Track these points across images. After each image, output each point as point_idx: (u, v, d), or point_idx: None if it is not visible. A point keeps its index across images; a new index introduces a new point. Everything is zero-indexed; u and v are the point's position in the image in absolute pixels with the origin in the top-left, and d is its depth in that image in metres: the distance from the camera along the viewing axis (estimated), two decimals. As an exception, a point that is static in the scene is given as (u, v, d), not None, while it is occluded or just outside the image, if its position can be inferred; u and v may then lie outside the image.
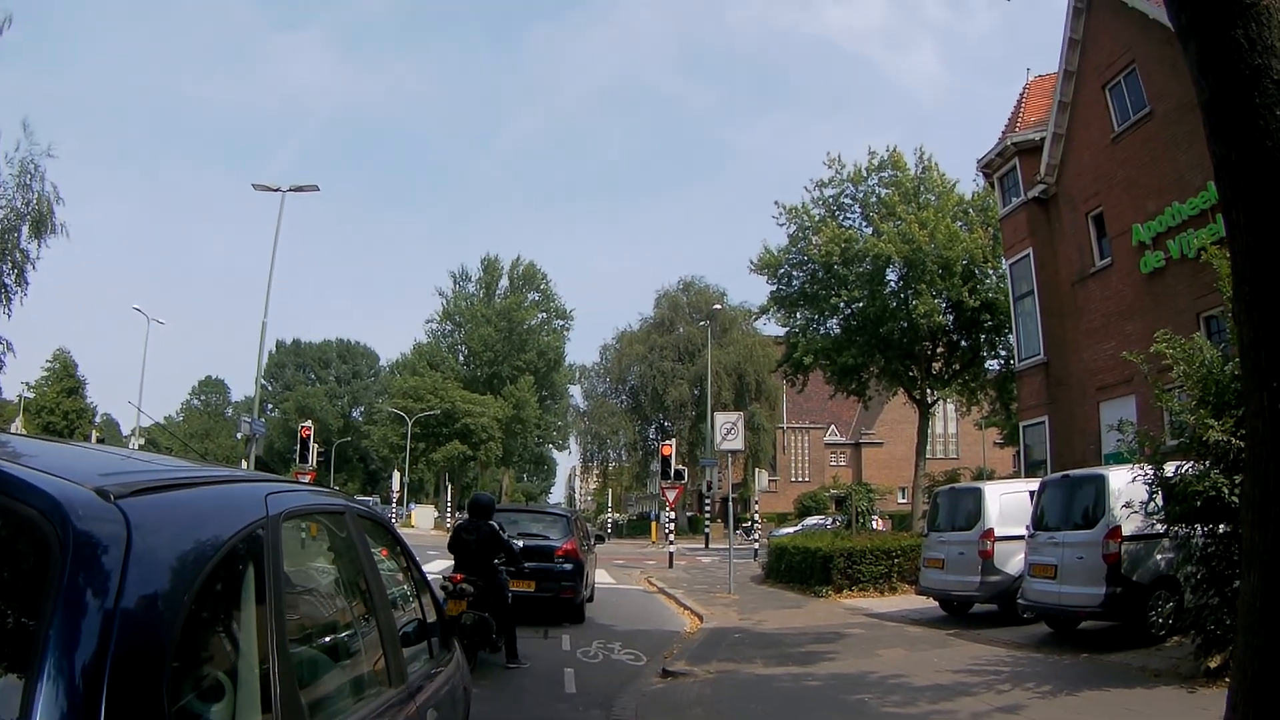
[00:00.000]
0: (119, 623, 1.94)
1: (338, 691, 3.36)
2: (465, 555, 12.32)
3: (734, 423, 23.84)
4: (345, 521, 3.92)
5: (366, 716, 3.37)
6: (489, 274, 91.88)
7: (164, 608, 2.11)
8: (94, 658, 1.87)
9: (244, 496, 2.94)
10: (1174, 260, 19.91)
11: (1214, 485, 9.68)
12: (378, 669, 3.83)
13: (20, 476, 2.08)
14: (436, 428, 78.94)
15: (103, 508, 2.12)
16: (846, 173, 40.06)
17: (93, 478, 2.23)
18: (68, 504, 2.03)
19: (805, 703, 10.15)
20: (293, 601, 2.95)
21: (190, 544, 2.36)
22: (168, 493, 2.51)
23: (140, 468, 2.77)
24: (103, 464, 2.71)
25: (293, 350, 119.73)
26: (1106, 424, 20.73)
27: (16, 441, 2.86)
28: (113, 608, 1.95)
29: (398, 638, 4.16)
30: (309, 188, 33.68)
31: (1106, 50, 22.48)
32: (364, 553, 4.02)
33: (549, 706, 10.27)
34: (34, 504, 2.02)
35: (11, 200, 36.76)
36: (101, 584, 1.97)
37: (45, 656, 1.83)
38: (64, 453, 2.87)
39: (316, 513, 3.73)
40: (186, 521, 2.47)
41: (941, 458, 75.62)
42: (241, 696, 2.44)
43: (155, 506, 2.35)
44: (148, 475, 2.55)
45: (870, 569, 21.37)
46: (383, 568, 4.39)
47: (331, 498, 4.14)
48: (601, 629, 16.56)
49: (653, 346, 76.30)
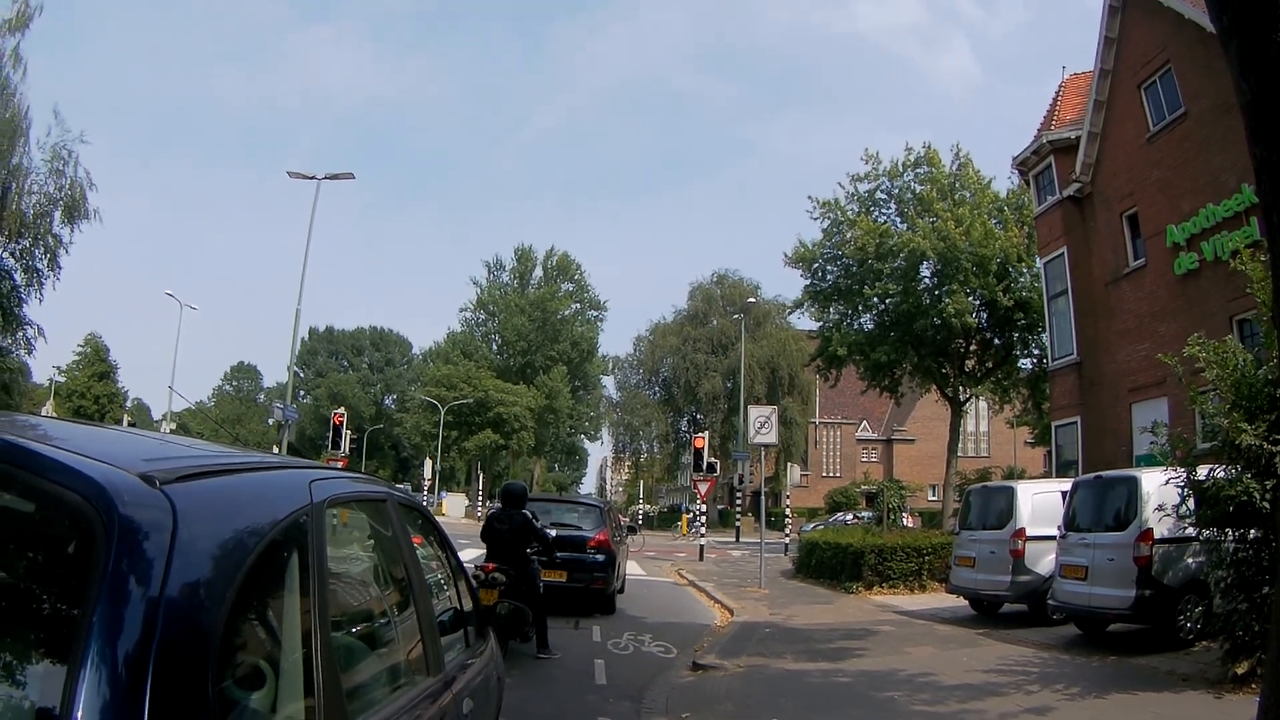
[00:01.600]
0: (164, 610, 1.94)
1: (376, 679, 3.37)
2: (498, 544, 12.38)
3: (768, 416, 23.83)
4: (387, 509, 3.93)
5: (404, 706, 3.36)
6: (523, 264, 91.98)
7: (209, 595, 2.10)
8: (138, 646, 1.86)
9: (288, 483, 2.94)
10: (1207, 262, 19.78)
11: (1246, 490, 9.60)
12: (416, 658, 3.83)
13: (65, 462, 2.08)
14: (469, 416, 79.12)
15: (148, 494, 2.11)
16: (883, 168, 39.92)
17: (137, 463, 2.23)
18: (113, 490, 2.03)
19: (834, 699, 10.16)
20: (334, 589, 2.94)
21: (235, 531, 2.36)
22: (212, 479, 2.50)
23: (183, 453, 2.76)
24: (145, 449, 2.69)
25: (326, 337, 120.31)
26: (1139, 425, 20.64)
27: (56, 425, 2.89)
28: (158, 595, 1.94)
29: (435, 627, 4.16)
30: (344, 175, 33.86)
31: (1142, 49, 22.35)
32: (404, 541, 4.03)
33: (579, 698, 10.31)
34: (79, 489, 2.01)
35: (44, 186, 37.19)
36: (147, 571, 1.96)
37: (89, 644, 1.82)
38: (105, 437, 2.87)
39: (359, 500, 3.72)
40: (231, 508, 2.46)
41: (973, 456, 75.25)
42: (283, 683, 2.45)
43: (200, 493, 2.34)
44: (191, 461, 2.55)
45: (901, 566, 21.33)
46: (420, 555, 4.37)
47: (373, 485, 4.12)
48: (632, 620, 16.60)
49: (686, 339, 76.38)
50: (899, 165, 39.69)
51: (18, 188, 35.75)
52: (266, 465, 3.06)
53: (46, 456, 2.08)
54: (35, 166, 36.76)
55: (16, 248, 37.17)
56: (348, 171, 33.95)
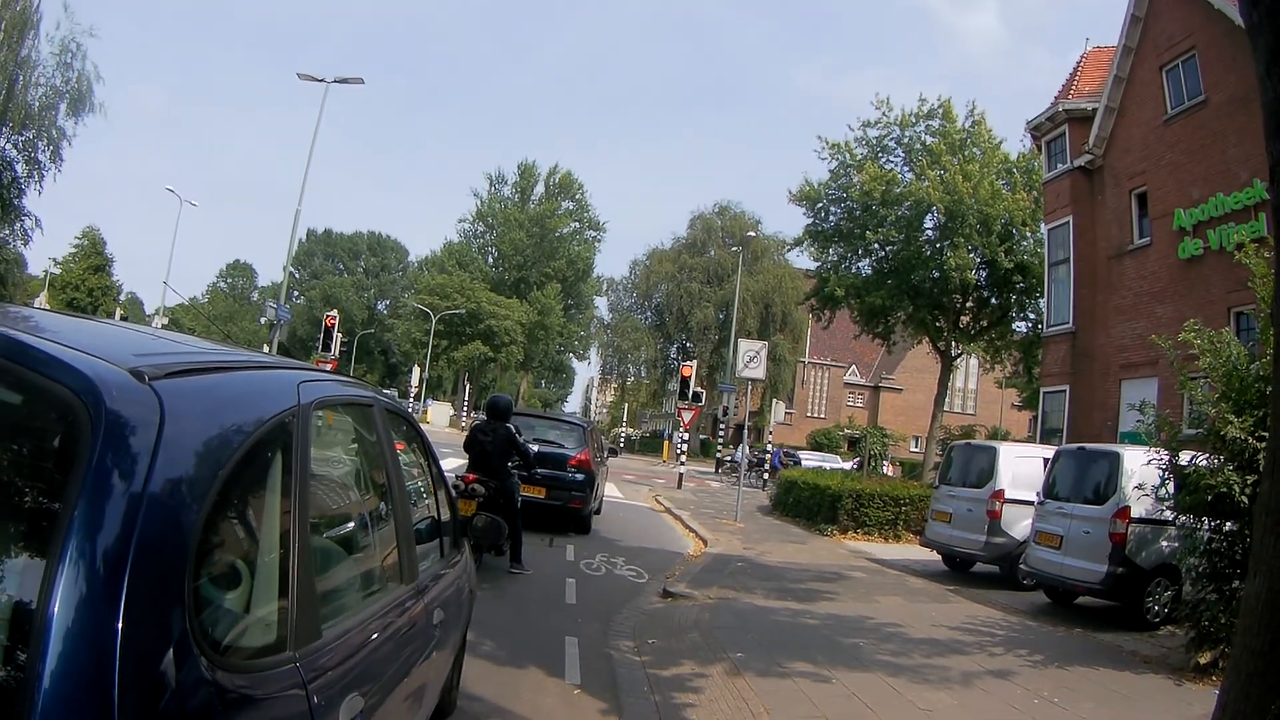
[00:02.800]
0: (145, 507, 1.93)
1: (349, 584, 3.38)
2: (480, 456, 12.35)
3: (757, 351, 23.83)
4: (373, 415, 3.92)
5: (376, 612, 3.38)
6: (525, 179, 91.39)
7: (191, 493, 2.10)
8: (118, 541, 1.86)
9: (276, 384, 2.94)
10: (1211, 250, 19.75)
11: (1226, 482, 9.57)
12: (390, 565, 3.87)
13: (53, 354, 2.06)
14: (460, 327, 79.25)
15: (137, 389, 2.10)
16: (894, 116, 39.51)
17: (127, 358, 2.21)
18: (101, 384, 2.01)
19: (801, 639, 10.20)
20: (315, 492, 2.92)
21: (221, 429, 2.35)
22: (202, 376, 2.50)
23: (173, 349, 2.77)
24: (136, 344, 2.66)
25: (323, 240, 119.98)
26: (1127, 402, 20.78)
27: (48, 318, 2.83)
28: (140, 491, 1.94)
29: (412, 535, 4.19)
30: (353, 80, 33.70)
31: (1168, 32, 22.12)
32: (388, 447, 4.02)
33: (548, 615, 10.37)
34: (67, 382, 1.99)
35: (50, 78, 37.14)
36: (130, 466, 1.95)
37: (69, 538, 1.82)
38: (96, 331, 2.89)
39: (346, 404, 3.71)
40: (218, 406, 2.46)
41: (959, 412, 75.70)
42: (258, 584, 2.45)
43: (188, 390, 2.34)
44: (181, 357, 2.54)
45: (877, 514, 21.43)
46: (402, 462, 4.39)
47: (361, 389, 4.10)
48: (606, 542, 16.73)
49: (682, 266, 76.33)
50: (911, 115, 39.29)
51: (25, 80, 35.94)
52: (257, 364, 3.07)
53: (35, 348, 2.06)
54: (43, 59, 36.83)
55: (20, 139, 37.36)
56: (357, 77, 33.83)
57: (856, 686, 8.28)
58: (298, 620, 2.55)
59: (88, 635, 1.78)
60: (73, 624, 1.77)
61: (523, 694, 7.30)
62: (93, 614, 1.79)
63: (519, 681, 7.62)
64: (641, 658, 8.84)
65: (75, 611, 1.77)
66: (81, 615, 1.78)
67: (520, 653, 8.40)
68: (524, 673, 7.89)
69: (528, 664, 8.13)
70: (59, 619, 1.76)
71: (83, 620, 1.78)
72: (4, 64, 34.67)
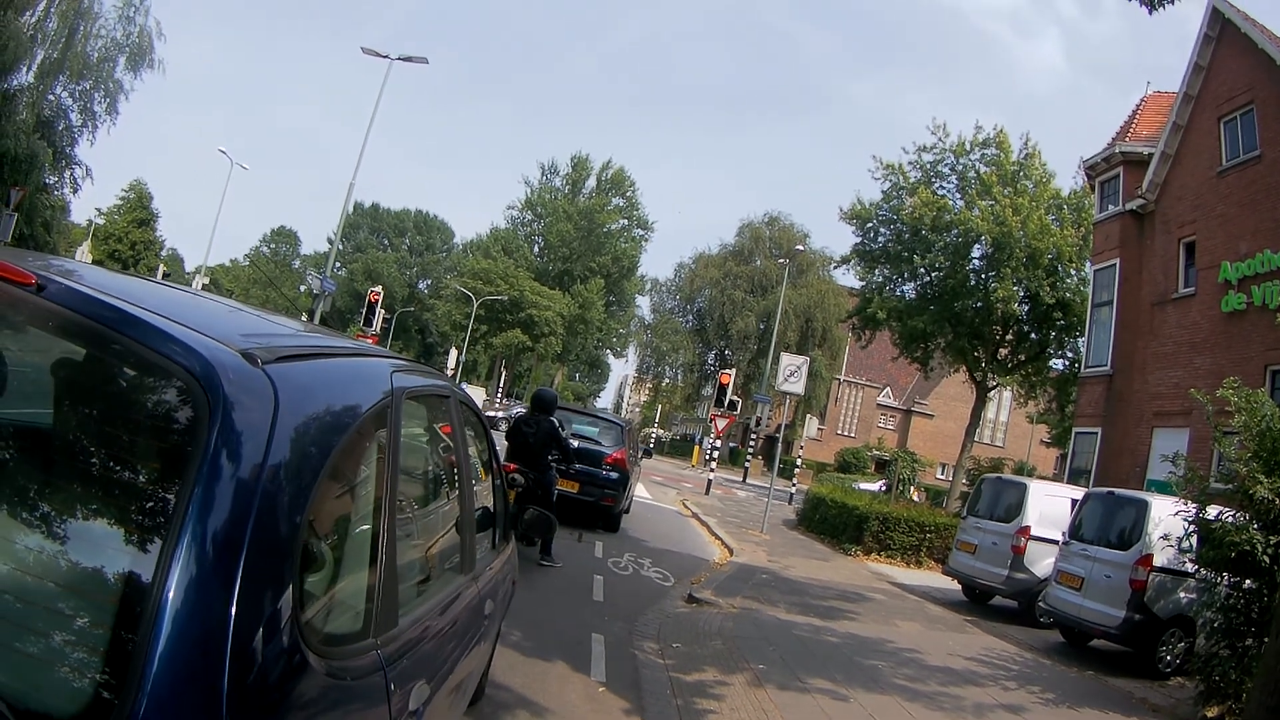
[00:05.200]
0: (260, 492, 1.96)
1: (422, 572, 3.43)
2: (521, 447, 12.55)
3: (799, 366, 23.94)
4: (449, 406, 3.99)
5: (442, 601, 3.48)
6: (577, 171, 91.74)
7: (301, 479, 2.12)
8: (235, 525, 1.90)
9: (373, 371, 2.99)
10: (1255, 306, 19.65)
11: (1250, 540, 9.65)
12: (455, 554, 3.95)
13: (171, 332, 2.07)
14: (501, 313, 79.59)
15: (251, 373, 2.12)
16: (950, 142, 39.34)
17: (235, 338, 2.24)
18: (220, 367, 2.03)
19: (821, 656, 10.37)
20: (400, 481, 2.96)
21: (328, 417, 2.40)
22: (307, 361, 2.55)
23: (276, 330, 2.79)
24: (242, 324, 2.72)
25: (370, 214, 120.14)
26: (1158, 450, 20.66)
27: (151, 290, 2.73)
28: (256, 477, 1.97)
29: (474, 525, 4.25)
30: (418, 59, 33.54)
31: (1229, 84, 22.02)
32: (460, 438, 4.12)
33: (576, 610, 10.56)
34: (184, 363, 2.01)
35: (111, 31, 37.57)
36: (247, 451, 1.98)
37: (186, 520, 1.85)
38: (204, 308, 2.82)
39: (430, 395, 3.75)
40: (325, 393, 2.50)
41: (988, 444, 75.13)
42: (352, 570, 2.54)
43: (297, 375, 2.36)
44: (286, 340, 2.59)
45: (902, 538, 21.49)
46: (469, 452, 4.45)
47: (441, 379, 4.11)
48: (634, 542, 16.92)
49: (727, 273, 76.17)
50: (966, 143, 39.15)
51: (85, 30, 36.20)
52: (353, 351, 3.13)
53: (152, 325, 2.08)
54: (105, 11, 37.21)
55: (76, 89, 37.74)
56: (422, 56, 33.61)
57: (874, 708, 8.45)
58: (381, 608, 2.61)
59: (202, 618, 1.82)
60: (187, 607, 1.79)
61: (549, 687, 7.49)
62: (208, 597, 1.83)
63: (546, 674, 7.81)
64: (665, 660, 9.03)
65: (190, 594, 1.80)
66: (197, 597, 1.81)
67: (548, 646, 8.59)
68: (551, 666, 8.08)
69: (554, 658, 8.32)
70: (173, 601, 1.78)
71: (197, 602, 1.81)
72: (65, 12, 35.06)
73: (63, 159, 38.43)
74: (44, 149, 34.58)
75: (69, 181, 40.36)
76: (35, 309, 2.09)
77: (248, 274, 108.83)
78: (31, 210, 35.69)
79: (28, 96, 35.23)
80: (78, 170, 40.06)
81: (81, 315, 2.08)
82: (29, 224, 35.84)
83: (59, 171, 38.97)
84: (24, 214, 33.69)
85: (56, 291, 2.10)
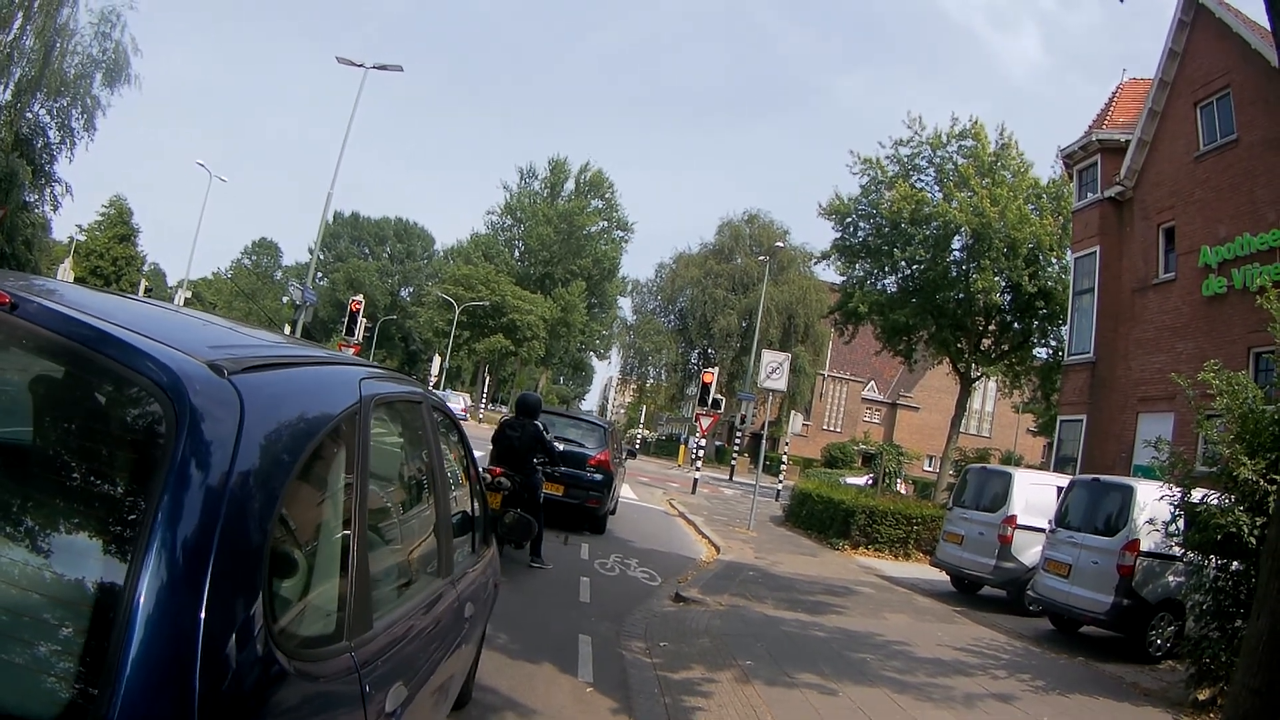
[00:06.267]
0: (227, 500, 1.99)
1: (397, 576, 3.45)
2: (507, 451, 12.53)
3: (780, 363, 23.95)
4: (421, 412, 4.00)
5: (419, 604, 3.49)
6: (555, 175, 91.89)
7: (268, 487, 2.15)
8: (202, 533, 1.92)
9: (341, 380, 2.97)
10: (1235, 290, 19.78)
11: (1236, 522, 9.67)
12: (432, 558, 3.96)
13: (137, 345, 2.09)
14: (483, 319, 79.61)
15: (218, 384, 2.15)
16: (926, 135, 39.45)
17: (203, 350, 2.26)
18: (185, 378, 2.05)
19: (808, 651, 10.35)
20: (371, 487, 3.00)
21: (294, 425, 2.42)
22: (274, 371, 2.56)
23: (244, 341, 2.83)
24: (209, 336, 2.75)
25: (350, 223, 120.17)
26: (1143, 435, 20.79)
27: (119, 304, 2.79)
28: (222, 485, 1.99)
29: (452, 529, 4.27)
30: (393, 67, 33.13)
31: (1204, 69, 22.14)
32: (434, 444, 4.11)
33: (563, 612, 10.54)
34: (150, 375, 2.03)
35: (87, 48, 37.54)
36: (214, 460, 2.01)
37: (154, 528, 1.87)
38: (171, 321, 2.84)
39: (400, 401, 3.75)
40: (291, 402, 2.52)
41: (974, 434, 75.32)
42: (323, 575, 2.55)
43: (263, 385, 2.38)
44: (254, 351, 2.59)
45: (889, 531, 21.52)
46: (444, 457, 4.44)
47: (412, 386, 4.13)
48: (620, 543, 16.88)
49: (708, 272, 76.34)
50: (942, 136, 39.23)
51: (61, 47, 36.26)
52: (321, 360, 3.13)
53: (118, 338, 2.11)
54: (81, 28, 37.27)
55: (54, 106, 37.75)
56: (397, 64, 33.12)
57: (862, 701, 8.44)
58: (354, 611, 2.63)
59: (172, 623, 1.84)
60: (157, 612, 1.82)
61: (536, 688, 7.47)
62: (178, 603, 1.85)
63: (533, 676, 7.79)
64: (652, 659, 9.01)
65: (160, 600, 1.83)
66: (167, 604, 1.84)
67: (535, 647, 8.57)
68: (538, 668, 8.06)
69: (542, 659, 8.30)
70: (144, 607, 1.82)
71: (168, 609, 1.84)
72: (41, 29, 35.05)
73: (42, 176, 38.44)
74: (23, 167, 34.57)
75: (49, 199, 40.50)
76: (10, 327, 2.13)
77: (230, 287, 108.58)
78: (12, 229, 35.67)
79: (5, 115, 35.26)
80: (58, 187, 40.19)
81: (53, 332, 2.12)
82: (10, 243, 35.80)
83: (39, 189, 39.00)
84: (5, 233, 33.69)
85: (30, 310, 2.14)
